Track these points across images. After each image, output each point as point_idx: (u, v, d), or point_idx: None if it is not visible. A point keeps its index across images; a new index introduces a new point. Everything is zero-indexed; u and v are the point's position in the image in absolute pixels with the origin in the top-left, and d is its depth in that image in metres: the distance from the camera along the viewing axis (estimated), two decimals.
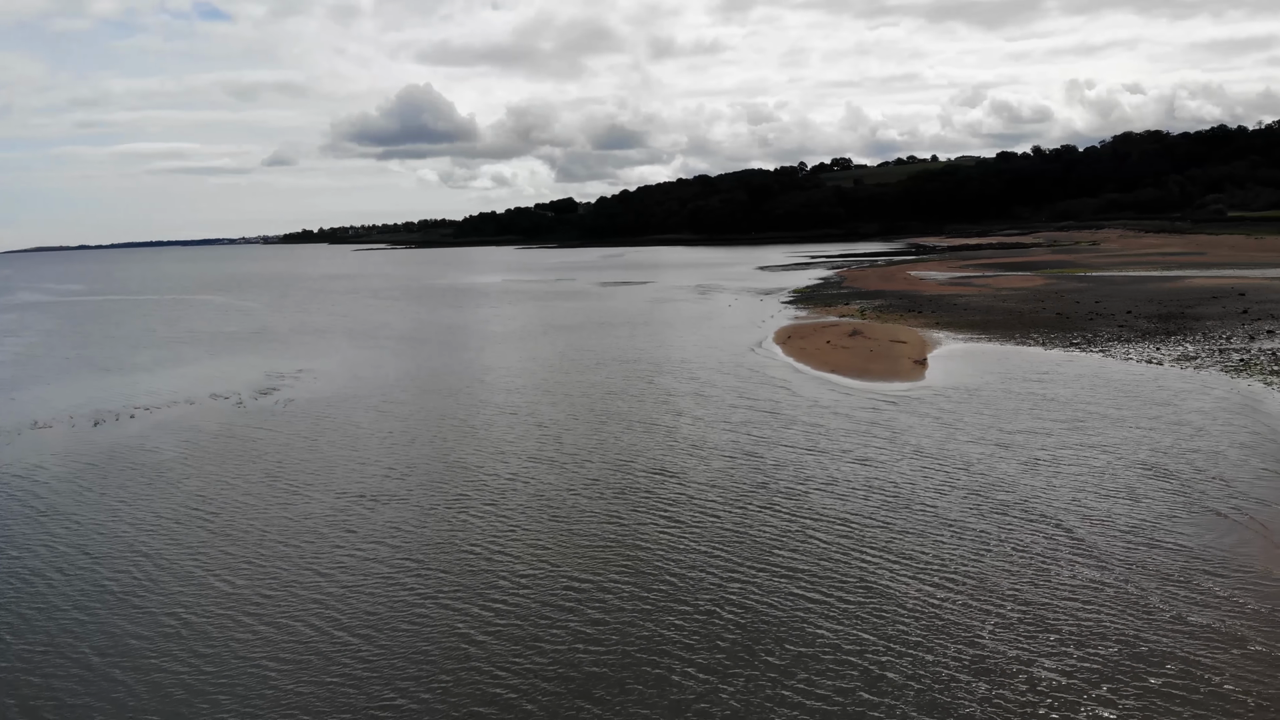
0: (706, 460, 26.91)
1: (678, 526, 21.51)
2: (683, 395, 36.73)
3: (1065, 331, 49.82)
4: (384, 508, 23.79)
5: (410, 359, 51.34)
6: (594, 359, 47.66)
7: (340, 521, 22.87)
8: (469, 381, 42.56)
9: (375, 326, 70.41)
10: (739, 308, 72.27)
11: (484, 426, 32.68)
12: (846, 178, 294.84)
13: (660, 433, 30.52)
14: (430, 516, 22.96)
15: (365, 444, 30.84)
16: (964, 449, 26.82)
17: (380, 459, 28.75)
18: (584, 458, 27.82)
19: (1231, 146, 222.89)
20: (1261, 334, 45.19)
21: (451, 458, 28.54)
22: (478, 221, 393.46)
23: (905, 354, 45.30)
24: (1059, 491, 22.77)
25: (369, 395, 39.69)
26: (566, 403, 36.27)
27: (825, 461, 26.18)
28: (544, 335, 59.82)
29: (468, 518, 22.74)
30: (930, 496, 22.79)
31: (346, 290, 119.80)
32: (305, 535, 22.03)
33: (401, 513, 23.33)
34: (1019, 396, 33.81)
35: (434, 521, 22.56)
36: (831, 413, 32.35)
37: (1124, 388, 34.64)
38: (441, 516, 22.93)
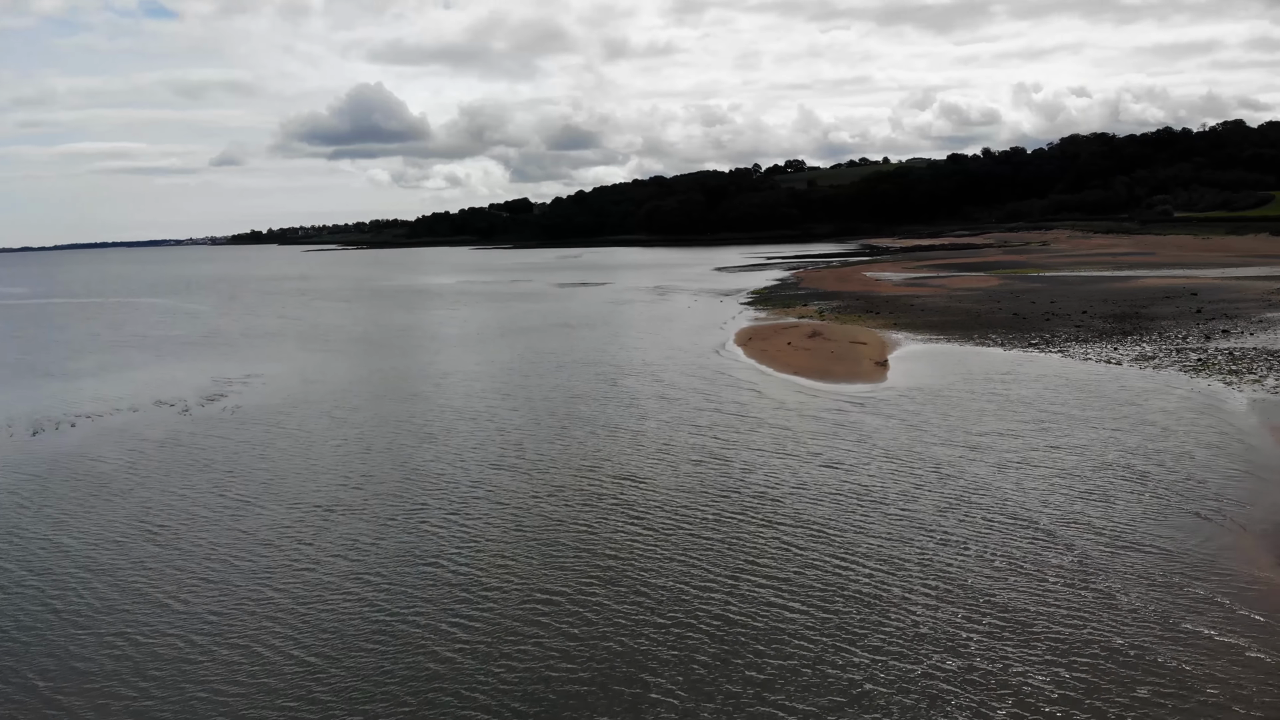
0: (675, 465, 26.33)
1: (649, 535, 20.89)
2: (647, 398, 36.14)
3: (1022, 332, 50.04)
4: (340, 519, 22.89)
5: (364, 363, 50.18)
6: (554, 361, 46.90)
7: (294, 534, 21.93)
8: (426, 386, 41.60)
9: (327, 329, 68.95)
10: (698, 309, 71.87)
11: (443, 433, 31.81)
12: (800, 179, 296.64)
13: (626, 437, 29.90)
14: (389, 528, 22.11)
15: (319, 452, 29.82)
16: (933, 451, 26.54)
17: (335, 468, 27.78)
18: (548, 464, 27.10)
19: (1176, 148, 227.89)
20: (1217, 333, 45.70)
21: (410, 466, 27.66)
22: (431, 222, 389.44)
23: (866, 355, 45.15)
24: (1033, 495, 22.53)
25: (321, 401, 38.58)
26: (528, 407, 35.50)
27: (795, 465, 25.73)
28: (502, 337, 58.91)
29: (428, 529, 21.92)
30: (903, 501, 22.42)
31: (297, 292, 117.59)
32: (257, 550, 21.06)
33: (358, 525, 22.45)
34: (983, 397, 33.70)
35: (393, 533, 21.72)
36: (797, 415, 31.97)
37: (1087, 388, 34.70)
38: (401, 528, 22.09)
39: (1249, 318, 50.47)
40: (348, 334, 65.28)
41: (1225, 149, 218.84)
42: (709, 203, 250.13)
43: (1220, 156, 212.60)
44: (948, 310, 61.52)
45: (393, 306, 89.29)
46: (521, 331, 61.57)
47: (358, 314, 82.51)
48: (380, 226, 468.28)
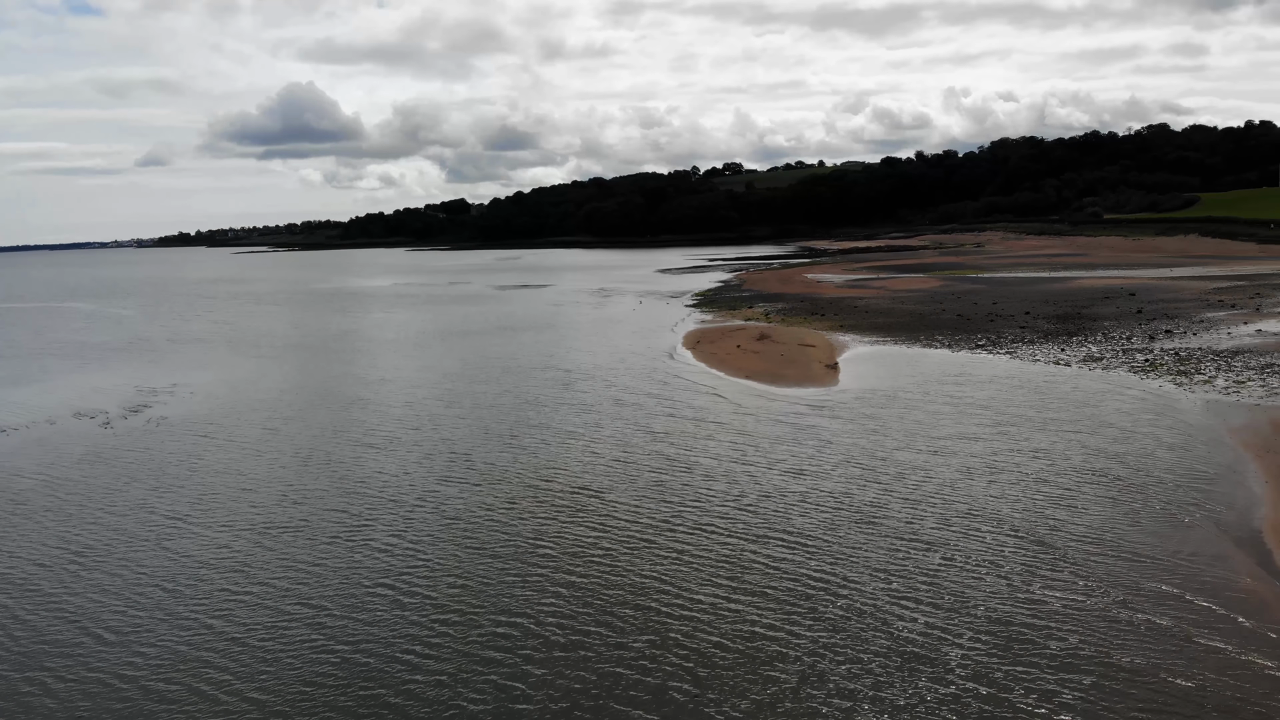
0: (633, 475, 25.27)
1: (612, 550, 19.81)
2: (599, 404, 35.03)
3: (968, 333, 50.01)
4: (275, 540, 21.40)
5: (299, 369, 48.23)
6: (500, 367, 45.52)
7: (226, 558, 20.41)
8: (365, 393, 39.95)
9: (259, 334, 66.51)
10: (644, 312, 70.93)
11: (386, 443, 30.33)
12: (738, 182, 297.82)
13: (580, 445, 28.75)
14: (331, 548, 20.70)
15: (252, 466, 28.16)
16: (897, 457, 25.89)
17: (270, 483, 26.18)
18: (500, 475, 25.85)
19: (1103, 152, 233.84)
20: (1160, 334, 46.09)
21: (351, 479, 26.18)
22: (365, 223, 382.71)
23: (816, 358, 44.62)
24: (1005, 501, 21.94)
25: (254, 411, 36.74)
26: (475, 414, 34.15)
27: (758, 473, 24.86)
28: (443, 341, 57.29)
29: (372, 550, 20.57)
30: (872, 509, 21.66)
31: (227, 295, 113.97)
32: (186, 575, 19.51)
33: (296, 546, 20.99)
34: (938, 400, 33.26)
35: (334, 555, 20.32)
36: (755, 421, 31.14)
37: (1040, 390, 34.48)
38: (344, 548, 20.69)
39: (1189, 318, 51.11)
40: (280, 339, 63.01)
41: (1150, 152, 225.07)
42: (649, 205, 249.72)
43: (1146, 160, 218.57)
44: (892, 312, 61.46)
45: (327, 310, 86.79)
46: (463, 335, 60.00)
47: (290, 318, 79.99)
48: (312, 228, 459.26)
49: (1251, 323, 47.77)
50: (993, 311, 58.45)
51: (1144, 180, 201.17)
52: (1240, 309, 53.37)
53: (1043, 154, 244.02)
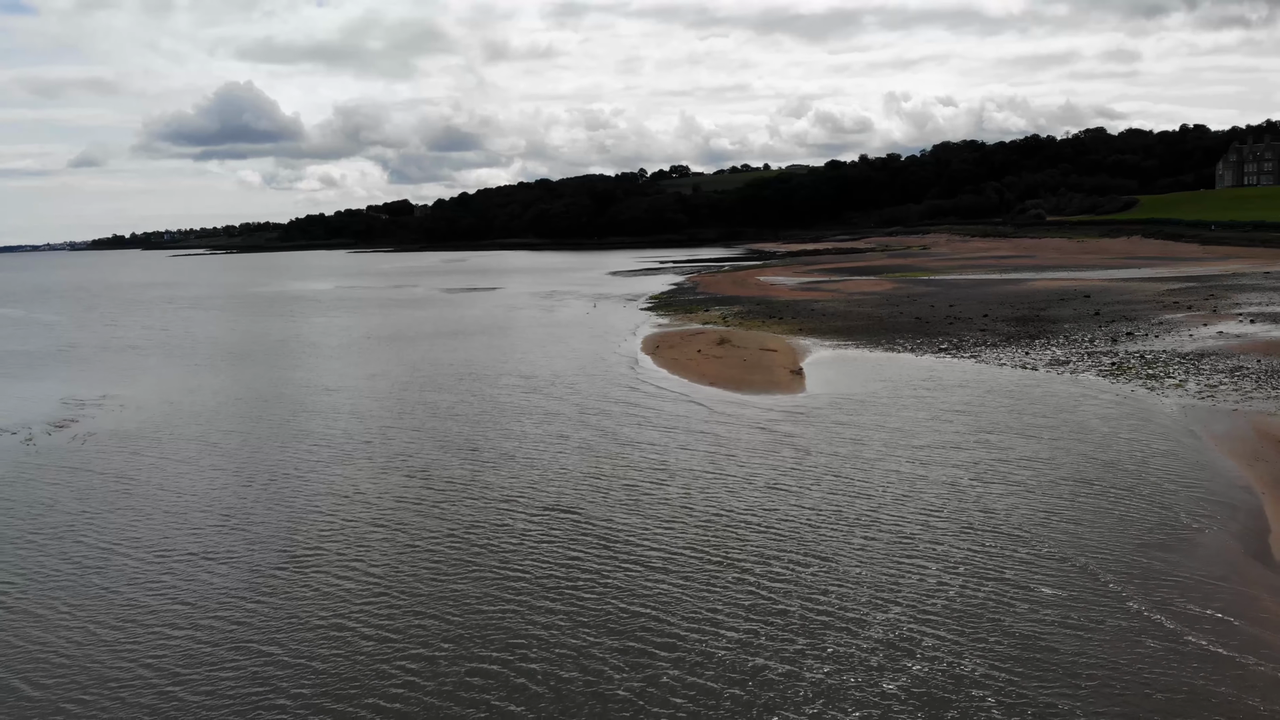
0: (605, 491, 23.74)
1: (588, 581, 18.28)
2: (564, 413, 33.41)
3: (929, 336, 49.32)
4: (216, 569, 19.52)
5: (237, 379, 45.85)
6: (453, 374, 43.67)
7: (161, 589, 18.49)
8: (310, 405, 37.87)
9: (195, 341, 63.66)
10: (599, 315, 69.41)
11: (334, 460, 28.42)
12: (685, 184, 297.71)
13: (546, 460, 27.12)
14: (275, 579, 18.89)
15: (188, 487, 26.10)
16: (881, 468, 24.72)
17: (208, 506, 24.19)
18: (461, 495, 24.14)
19: (1042, 155, 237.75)
20: (1121, 336, 45.80)
21: (297, 502, 24.28)
22: (305, 224, 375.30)
23: (779, 363, 43.51)
24: (1001, 515, 20.83)
25: (190, 425, 34.48)
26: (430, 427, 32.34)
27: (737, 489, 23.49)
28: (391, 348, 55.17)
29: (323, 580, 18.80)
30: (865, 526, 20.41)
31: (162, 300, 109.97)
32: (117, 610, 17.58)
33: (238, 576, 19.14)
34: (912, 407, 32.26)
35: (280, 586, 18.52)
36: (727, 430, 29.80)
37: (1013, 394, 33.68)
38: (290, 579, 18.90)
39: (1147, 319, 51.02)
40: (218, 346, 60.29)
41: (1089, 155, 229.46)
42: (596, 206, 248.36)
43: (1085, 163, 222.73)
44: (849, 315, 60.73)
45: (266, 314, 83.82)
46: (412, 340, 57.92)
47: (228, 323, 76.99)
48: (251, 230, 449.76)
49: (1211, 324, 47.74)
50: (950, 314, 57.98)
51: (1083, 183, 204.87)
52: (1197, 310, 53.48)
53: (984, 157, 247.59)
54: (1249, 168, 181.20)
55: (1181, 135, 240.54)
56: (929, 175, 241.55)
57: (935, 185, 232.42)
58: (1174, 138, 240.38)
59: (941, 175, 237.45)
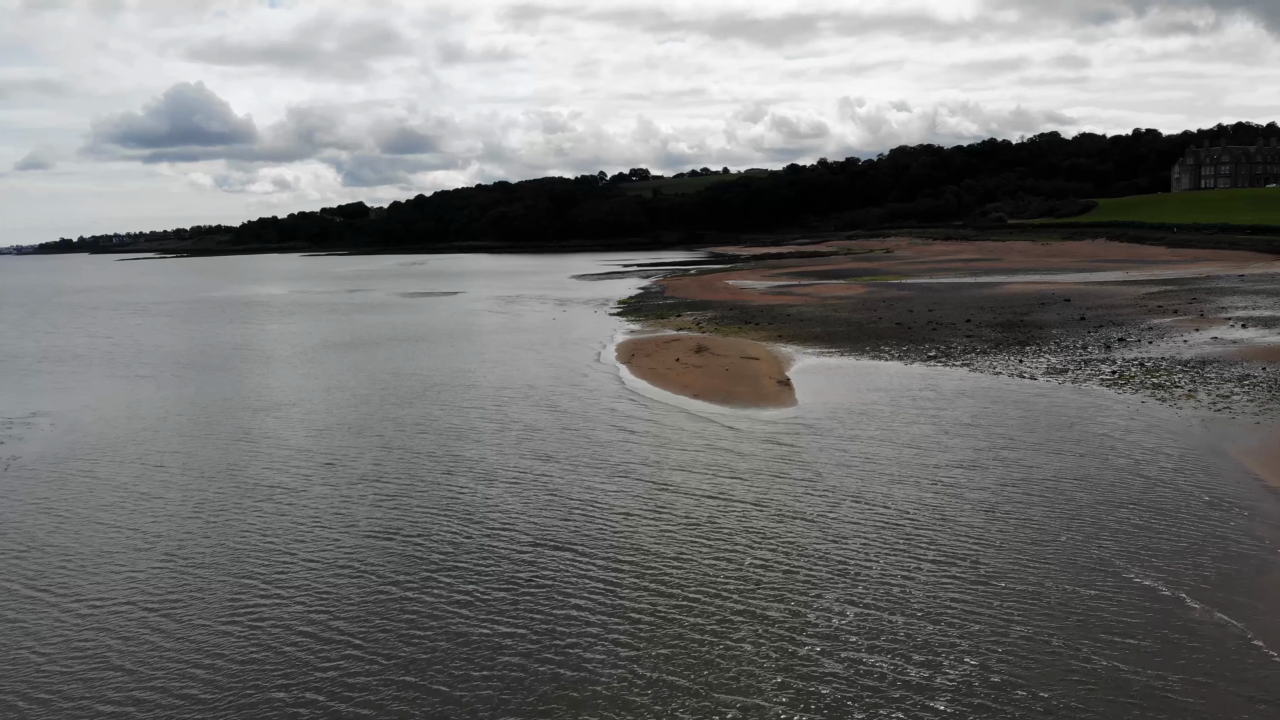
0: (601, 524, 21.27)
1: (590, 640, 15.88)
2: (544, 431, 30.89)
3: (915, 343, 47.54)
4: (156, 623, 16.82)
5: (183, 393, 42.67)
6: (417, 387, 40.96)
7: (91, 647, 15.80)
8: (263, 423, 34.98)
9: (141, 350, 60.08)
10: (567, 321, 66.92)
11: (291, 487, 25.68)
12: (646, 188, 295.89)
13: (530, 485, 24.59)
14: (229, 632, 16.26)
15: (128, 519, 23.26)
16: (901, 494, 22.57)
17: (148, 544, 21.40)
18: (437, 529, 21.59)
19: (1000, 159, 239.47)
20: (1114, 342, 44.31)
21: (250, 538, 21.58)
22: (257, 227, 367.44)
23: (763, 372, 41.38)
24: (1058, 544, 18.75)
25: (129, 446, 31.44)
26: (398, 447, 29.68)
27: (747, 517, 21.19)
28: (349, 357, 52.22)
29: (278, 639, 16.21)
30: (901, 563, 18.21)
31: (109, 305, 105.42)
32: (39, 670, 14.87)
33: (182, 631, 16.48)
34: (916, 420, 30.26)
35: (229, 646, 15.91)
36: (724, 451, 27.51)
37: (1019, 406, 31.82)
38: (241, 636, 16.29)
39: (1136, 324, 49.68)
40: (164, 356, 56.85)
41: (1045, 159, 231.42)
42: (557, 209, 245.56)
43: (1041, 166, 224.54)
44: (827, 320, 58.88)
45: (216, 321, 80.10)
46: (372, 349, 55.00)
47: (176, 331, 73.25)
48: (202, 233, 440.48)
49: (1202, 330, 46.46)
50: (931, 319, 56.32)
51: (1040, 186, 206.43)
52: (1184, 315, 52.31)
53: (942, 161, 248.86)
54: (1205, 171, 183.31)
55: (1135, 139, 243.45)
56: (887, 179, 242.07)
57: (894, 189, 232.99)
58: (1127, 142, 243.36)
59: (900, 179, 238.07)
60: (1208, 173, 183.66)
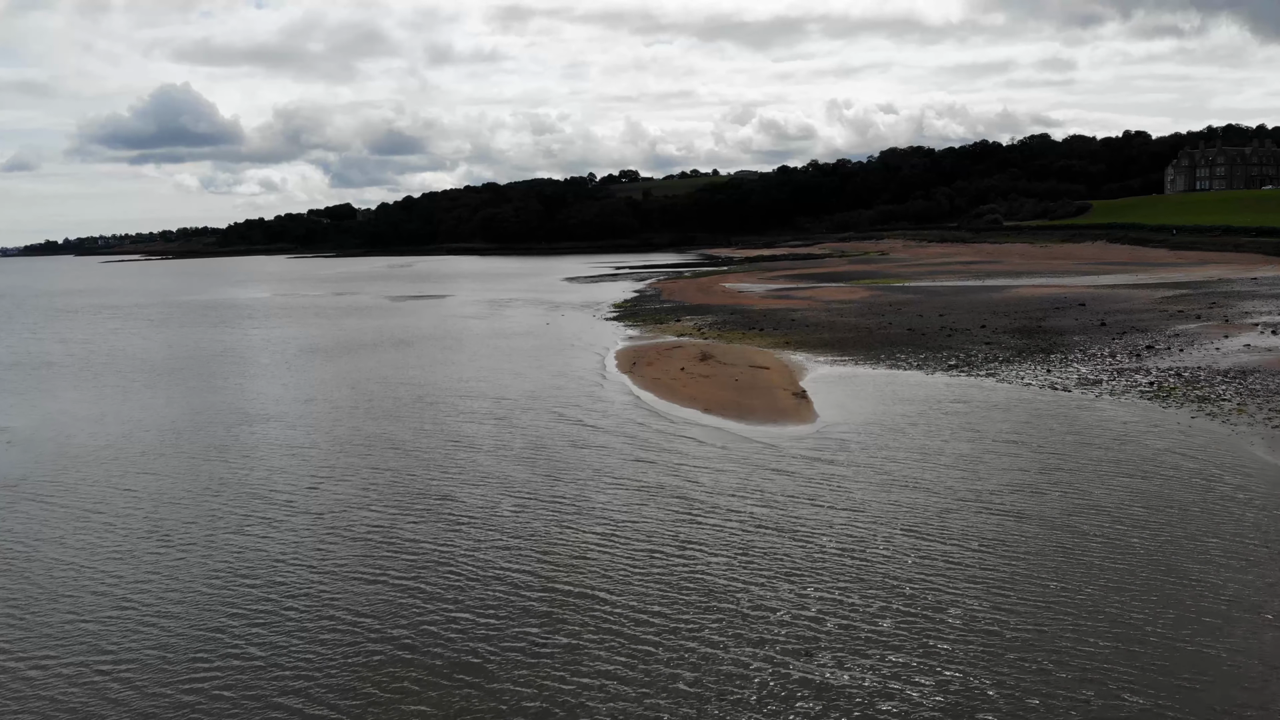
0: (631, 570, 18.69)
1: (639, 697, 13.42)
2: (549, 451, 28.25)
3: (931, 351, 45.23)
4: (118, 676, 14.28)
5: (154, 405, 39.85)
6: (406, 398, 38.35)
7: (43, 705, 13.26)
8: (235, 442, 32.28)
9: (115, 357, 57.24)
10: (562, 326, 64.40)
11: (270, 516, 23.05)
12: (636, 189, 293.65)
13: (539, 517, 22.02)
14: (194, 698, 13.72)
15: (77, 560, 20.62)
16: (952, 525, 20.08)
17: (107, 581, 18.76)
18: (442, 574, 19.01)
19: (991, 160, 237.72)
20: (1142, 350, 42.07)
21: (224, 579, 18.97)
22: (244, 229, 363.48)
23: (776, 383, 38.97)
24: (1131, 591, 16.35)
25: (88, 468, 28.63)
26: (391, 467, 27.07)
27: (798, 554, 18.68)
28: (332, 366, 49.56)
29: (258, 705, 13.68)
30: (976, 615, 15.80)
31: (89, 309, 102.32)
32: None
33: (145, 686, 13.93)
34: (953, 437, 27.89)
35: (194, 708, 13.39)
36: (752, 475, 25.00)
37: (1060, 421, 29.48)
38: (209, 698, 13.74)
39: (1160, 330, 47.48)
40: (139, 362, 54.06)
41: (1037, 161, 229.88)
42: (546, 211, 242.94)
43: (1034, 168, 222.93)
44: (834, 326, 56.54)
45: (196, 326, 77.19)
46: (355, 357, 52.36)
47: (155, 336, 70.32)
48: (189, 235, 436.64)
49: (1231, 336, 44.27)
50: (944, 325, 54.04)
51: (1033, 188, 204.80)
52: (1208, 320, 50.17)
53: (934, 163, 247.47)
54: (1201, 173, 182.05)
55: (1126, 141, 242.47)
56: (879, 181, 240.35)
57: (885, 191, 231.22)
58: (1118, 143, 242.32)
59: (891, 181, 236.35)
60: (1203, 174, 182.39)
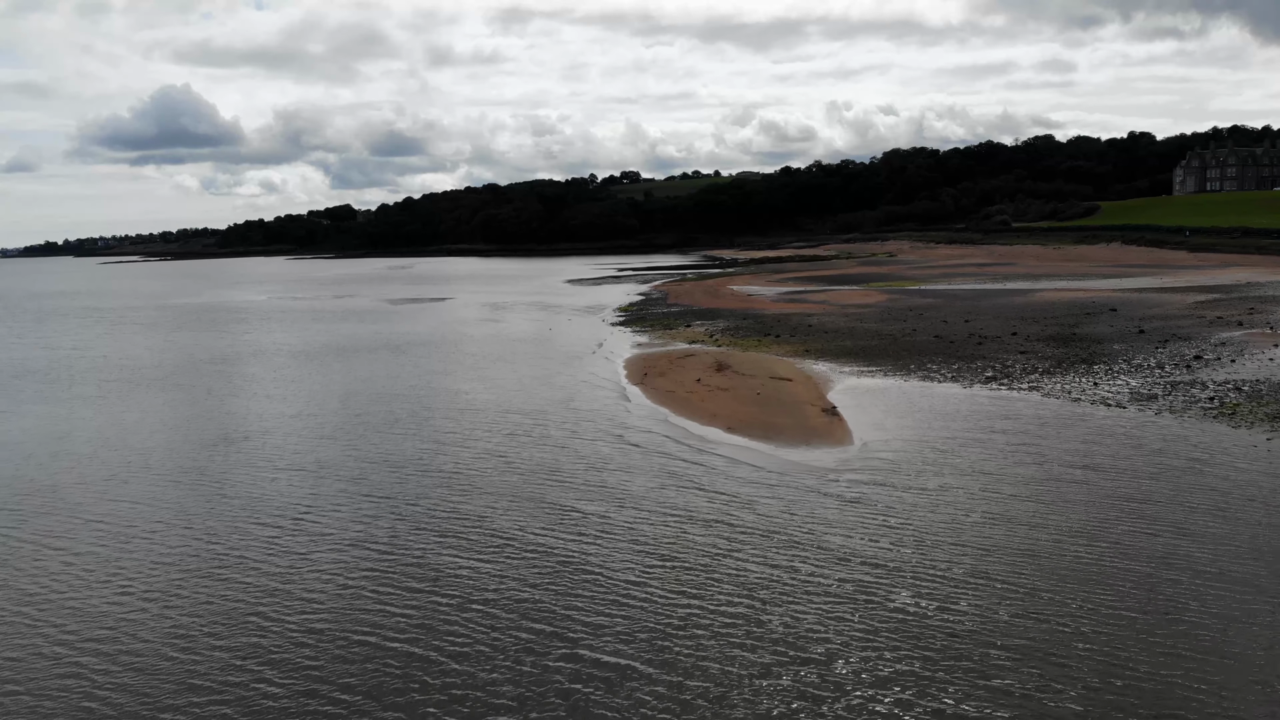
0: (670, 640, 15.92)
1: None
2: (562, 473, 25.44)
3: (964, 360, 42.42)
4: None
5: (125, 420, 36.72)
6: (404, 414, 35.43)
7: None
8: (210, 465, 29.26)
9: (98, 363, 54.32)
10: (566, 331, 61.57)
11: (254, 561, 20.16)
12: (637, 190, 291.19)
13: (564, 565, 19.18)
14: None
15: (25, 607, 17.80)
16: (1047, 582, 17.21)
17: (64, 635, 15.96)
18: (442, 628, 16.23)
19: (996, 161, 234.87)
20: (1191, 361, 39.24)
21: (209, 627, 16.17)
22: (244, 230, 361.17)
23: (802, 397, 36.11)
24: None
25: (41, 496, 25.79)
26: (384, 497, 24.18)
27: (871, 621, 15.90)
28: (324, 374, 46.70)
29: None
30: None
31: (80, 312, 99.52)
32: None
33: None
34: (1011, 461, 25.05)
35: None
36: (793, 509, 22.13)
37: (1126, 443, 26.58)
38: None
39: (1204, 339, 44.63)
40: (121, 369, 51.16)
41: (1043, 161, 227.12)
42: (547, 212, 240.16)
43: (1039, 169, 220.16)
44: (854, 332, 53.70)
45: (186, 330, 74.25)
46: (350, 365, 49.49)
47: (142, 341, 67.40)
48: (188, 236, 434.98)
49: None
50: (971, 332, 51.22)
51: (1040, 189, 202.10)
52: (1250, 327, 47.37)
53: (938, 164, 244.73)
54: (1211, 174, 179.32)
55: (1132, 142, 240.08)
56: (882, 181, 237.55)
57: (889, 191, 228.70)
58: (1124, 144, 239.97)
59: (895, 181, 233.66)
60: (1213, 175, 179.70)
